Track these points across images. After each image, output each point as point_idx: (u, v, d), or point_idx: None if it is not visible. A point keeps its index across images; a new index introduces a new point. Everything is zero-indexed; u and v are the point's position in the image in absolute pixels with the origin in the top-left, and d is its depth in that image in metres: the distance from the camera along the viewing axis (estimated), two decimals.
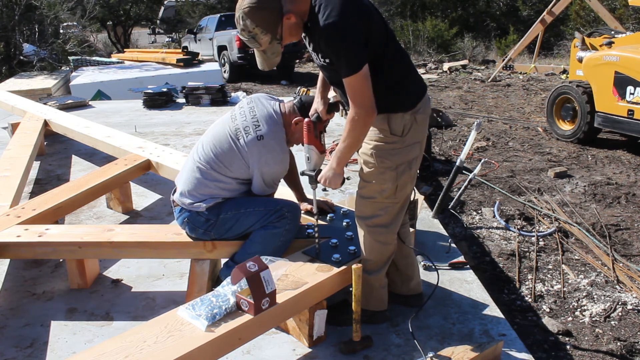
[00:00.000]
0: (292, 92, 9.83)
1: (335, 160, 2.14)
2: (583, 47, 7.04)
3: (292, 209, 2.45)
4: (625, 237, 4.12)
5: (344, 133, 2.05)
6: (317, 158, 2.27)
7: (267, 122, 2.40)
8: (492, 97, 10.10)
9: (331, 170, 2.16)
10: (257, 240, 2.43)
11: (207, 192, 2.45)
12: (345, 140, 2.06)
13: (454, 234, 4.16)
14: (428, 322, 2.45)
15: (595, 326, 3.04)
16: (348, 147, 2.08)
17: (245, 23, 1.97)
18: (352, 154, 2.14)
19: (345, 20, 1.91)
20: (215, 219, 2.44)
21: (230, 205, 2.44)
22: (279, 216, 2.40)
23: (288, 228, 2.43)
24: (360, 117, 1.98)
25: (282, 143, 2.43)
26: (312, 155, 2.26)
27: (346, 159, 2.14)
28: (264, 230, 2.41)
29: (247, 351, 2.26)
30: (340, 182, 2.19)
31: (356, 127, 2.01)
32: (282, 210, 2.40)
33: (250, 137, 2.37)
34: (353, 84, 1.96)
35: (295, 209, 2.49)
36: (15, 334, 2.44)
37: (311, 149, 2.26)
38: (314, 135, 2.26)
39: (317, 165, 2.27)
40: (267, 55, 2.08)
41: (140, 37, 27.08)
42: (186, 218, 2.50)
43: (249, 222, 2.43)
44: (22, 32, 12.04)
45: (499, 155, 6.24)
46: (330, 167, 2.17)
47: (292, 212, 2.44)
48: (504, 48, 16.47)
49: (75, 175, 4.74)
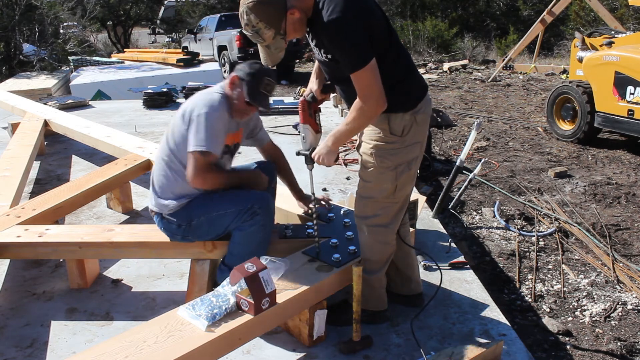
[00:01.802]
0: (292, 92, 9.83)
1: (332, 139, 2.14)
2: (583, 47, 7.04)
3: (262, 202, 2.41)
4: (626, 237, 4.12)
5: (348, 117, 2.05)
6: (312, 137, 2.27)
7: (204, 95, 2.45)
8: (492, 97, 10.10)
9: (326, 148, 2.17)
10: (238, 241, 2.43)
11: (175, 190, 2.44)
12: (348, 124, 2.06)
13: (454, 234, 4.16)
14: (428, 322, 2.45)
15: (595, 326, 3.04)
16: (349, 130, 2.09)
17: (250, 18, 1.97)
18: (350, 137, 2.16)
19: (348, 17, 1.91)
20: (186, 224, 2.44)
21: (200, 210, 2.43)
22: (251, 214, 2.38)
23: (263, 223, 2.41)
24: (371, 107, 1.98)
25: (216, 109, 2.38)
26: (308, 134, 2.26)
27: (343, 141, 2.15)
28: (240, 231, 2.41)
29: (247, 351, 2.26)
30: (334, 160, 2.20)
31: (363, 116, 2.02)
32: (253, 208, 2.38)
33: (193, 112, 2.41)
34: (361, 78, 1.95)
35: (265, 200, 2.45)
36: (15, 334, 2.44)
37: (306, 128, 2.26)
38: (309, 114, 2.26)
39: (312, 144, 2.27)
40: (271, 51, 2.08)
41: (140, 37, 27.07)
42: (162, 227, 2.53)
43: (224, 223, 2.42)
44: (22, 32, 12.05)
45: (499, 155, 6.24)
46: (325, 145, 2.17)
47: (263, 205, 2.41)
48: (504, 48, 16.46)
49: (75, 175, 4.74)
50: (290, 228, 2.67)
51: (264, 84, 2.44)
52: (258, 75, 2.43)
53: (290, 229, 2.66)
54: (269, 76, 2.47)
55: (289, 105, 7.38)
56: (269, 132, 2.91)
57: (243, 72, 2.44)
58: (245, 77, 2.42)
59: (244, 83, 2.42)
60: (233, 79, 2.45)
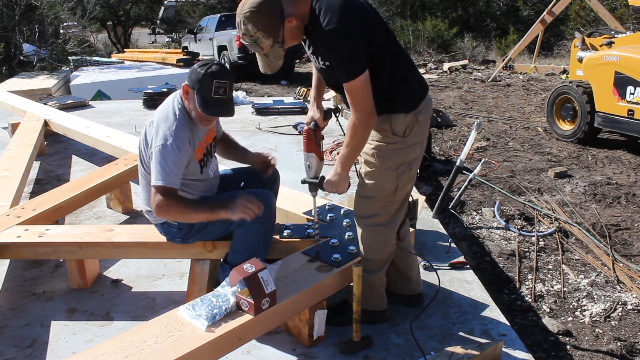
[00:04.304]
0: (292, 92, 9.83)
1: (340, 165, 2.14)
2: (583, 47, 7.04)
3: (263, 199, 2.38)
4: (626, 237, 4.12)
5: (346, 138, 2.06)
6: (317, 165, 2.27)
7: (163, 116, 2.37)
8: (492, 97, 10.10)
9: (337, 176, 2.17)
10: (240, 238, 2.42)
11: None
12: (348, 145, 2.07)
13: (454, 234, 4.16)
14: (428, 322, 2.45)
15: (595, 326, 3.04)
16: (351, 151, 2.09)
17: (247, 27, 1.96)
18: (355, 157, 2.15)
19: (345, 26, 1.91)
20: (187, 227, 2.43)
21: None
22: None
23: (264, 219, 2.38)
24: (361, 121, 2.00)
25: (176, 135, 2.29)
26: (312, 162, 2.26)
27: (350, 163, 2.15)
28: (242, 229, 2.39)
29: (247, 351, 2.26)
30: (347, 187, 2.20)
31: (357, 132, 2.03)
32: None
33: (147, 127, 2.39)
34: (353, 89, 1.97)
35: (267, 197, 2.43)
36: (15, 334, 2.44)
37: (311, 156, 2.26)
38: (314, 142, 2.26)
39: (317, 172, 2.28)
40: (270, 59, 2.07)
41: (140, 37, 27.08)
42: (162, 231, 2.52)
43: (225, 223, 2.40)
44: (22, 32, 12.04)
45: (499, 155, 6.23)
46: (335, 172, 2.17)
47: (264, 200, 2.38)
48: (504, 48, 16.47)
49: (75, 175, 4.74)
50: (290, 228, 2.67)
51: (214, 88, 2.23)
52: (206, 81, 2.22)
53: (290, 229, 2.66)
54: (220, 77, 2.24)
55: (289, 105, 7.38)
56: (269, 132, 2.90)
57: (191, 79, 2.27)
58: (194, 86, 2.26)
59: (195, 92, 2.27)
60: (184, 88, 2.31)
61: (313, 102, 2.37)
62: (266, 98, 9.31)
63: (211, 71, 2.25)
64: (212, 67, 2.26)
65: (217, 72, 2.25)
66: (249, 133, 6.13)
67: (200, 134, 2.44)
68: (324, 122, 2.33)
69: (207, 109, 2.27)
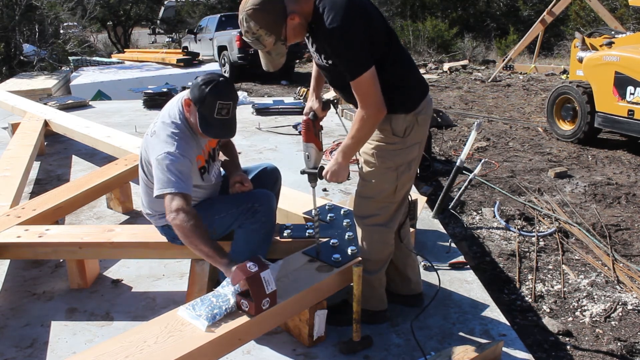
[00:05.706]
0: (292, 92, 9.83)
1: (341, 154, 2.14)
2: (583, 47, 7.04)
3: (262, 200, 2.40)
4: (626, 237, 4.12)
5: (352, 129, 2.05)
6: (316, 155, 2.27)
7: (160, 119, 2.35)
8: (492, 97, 10.10)
9: (337, 164, 2.16)
10: (240, 239, 2.42)
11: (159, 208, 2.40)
12: (353, 136, 2.06)
13: (454, 234, 4.16)
14: (428, 322, 2.45)
15: (595, 326, 3.04)
16: (355, 142, 2.08)
17: (249, 25, 1.96)
18: (358, 149, 2.15)
19: (349, 24, 1.91)
20: None
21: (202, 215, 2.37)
22: (252, 212, 2.36)
23: (264, 219, 2.39)
24: (371, 116, 1.99)
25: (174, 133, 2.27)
26: (312, 152, 2.27)
27: (352, 154, 2.15)
28: (242, 229, 2.39)
29: (247, 351, 2.26)
30: (346, 176, 2.19)
31: (365, 125, 2.02)
32: (253, 206, 2.37)
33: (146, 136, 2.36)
34: (361, 85, 1.96)
35: (266, 197, 2.43)
36: (15, 334, 2.44)
37: (310, 146, 2.26)
38: (313, 133, 2.27)
39: (316, 162, 2.28)
40: (272, 57, 2.07)
41: (140, 37, 27.08)
42: (163, 232, 2.52)
43: (226, 223, 2.41)
44: (22, 32, 12.05)
45: (499, 156, 6.23)
46: (335, 161, 2.16)
47: (264, 203, 2.39)
48: (504, 48, 16.47)
49: (75, 175, 4.74)
50: (291, 228, 2.67)
51: (217, 109, 2.19)
52: (209, 101, 2.18)
53: (291, 229, 2.66)
54: (224, 97, 2.20)
55: (289, 105, 7.38)
56: (269, 132, 2.90)
57: (194, 95, 2.23)
58: (196, 102, 2.22)
59: (196, 110, 2.23)
60: (187, 102, 2.27)
61: (312, 93, 2.37)
62: (266, 98, 9.31)
63: (216, 92, 2.20)
64: (217, 87, 2.21)
65: (221, 93, 2.21)
66: (249, 133, 6.13)
67: (202, 141, 2.44)
68: (323, 112, 2.33)
69: (207, 129, 2.25)
